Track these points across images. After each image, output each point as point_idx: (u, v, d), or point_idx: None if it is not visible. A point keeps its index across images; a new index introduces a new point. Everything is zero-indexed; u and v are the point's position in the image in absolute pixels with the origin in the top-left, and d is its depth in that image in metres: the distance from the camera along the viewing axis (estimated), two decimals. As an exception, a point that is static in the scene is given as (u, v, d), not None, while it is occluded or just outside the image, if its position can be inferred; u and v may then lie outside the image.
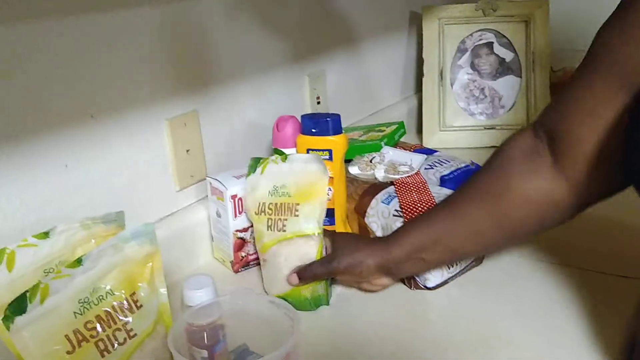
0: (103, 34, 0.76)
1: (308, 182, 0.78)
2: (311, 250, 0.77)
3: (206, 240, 0.92)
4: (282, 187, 0.79)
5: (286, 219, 0.77)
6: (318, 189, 0.78)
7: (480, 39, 1.36)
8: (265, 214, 0.79)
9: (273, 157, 0.81)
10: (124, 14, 0.78)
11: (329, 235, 0.80)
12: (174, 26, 0.85)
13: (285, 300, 0.74)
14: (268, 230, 0.79)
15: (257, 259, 0.89)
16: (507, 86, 1.35)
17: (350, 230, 0.92)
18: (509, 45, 1.35)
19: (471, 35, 1.36)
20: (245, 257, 0.88)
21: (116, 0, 0.76)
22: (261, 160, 0.82)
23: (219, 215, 0.88)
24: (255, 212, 0.80)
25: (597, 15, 1.91)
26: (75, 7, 0.72)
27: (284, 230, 0.77)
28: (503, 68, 1.36)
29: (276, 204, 0.79)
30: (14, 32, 0.66)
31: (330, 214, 0.90)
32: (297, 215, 0.77)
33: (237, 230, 0.86)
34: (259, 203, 0.80)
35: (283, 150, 0.91)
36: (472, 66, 1.36)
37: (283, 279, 0.77)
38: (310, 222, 0.77)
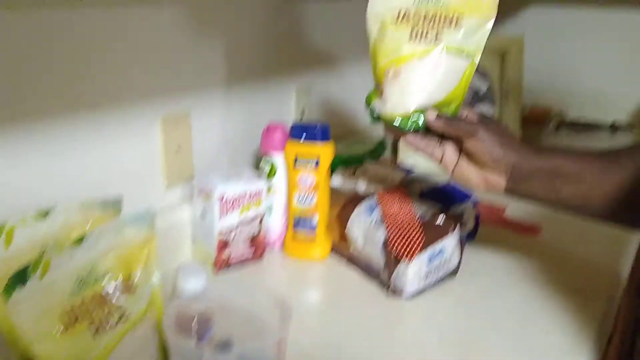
0: (108, 29, 0.77)
1: None
2: (459, 72, 0.70)
3: (188, 239, 0.93)
4: None
5: (442, 30, 0.69)
6: (487, 3, 0.69)
7: (458, 69, 1.42)
8: (408, 22, 0.70)
9: None
10: (130, 12, 0.80)
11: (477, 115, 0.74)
12: (173, 28, 0.87)
13: (408, 119, 0.70)
14: (411, 40, 0.69)
15: (239, 260, 0.90)
16: (481, 115, 1.41)
17: (330, 240, 0.95)
18: (485, 76, 1.42)
19: (450, 64, 1.42)
20: (227, 258, 0.89)
21: (122, -4, 0.79)
22: None
23: (204, 215, 0.89)
24: (391, 21, 0.70)
25: (564, 58, 2.02)
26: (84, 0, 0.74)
27: (439, 42, 0.69)
28: (478, 97, 1.42)
29: (427, 12, 0.69)
30: (21, 18, 0.67)
31: (313, 220, 0.92)
32: (460, 28, 0.69)
33: (221, 231, 0.88)
34: (400, 10, 0.70)
35: (271, 155, 0.93)
36: (449, 94, 1.42)
37: (423, 94, 0.70)
38: (470, 39, 0.69)
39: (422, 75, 0.70)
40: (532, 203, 0.74)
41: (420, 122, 0.71)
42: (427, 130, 0.73)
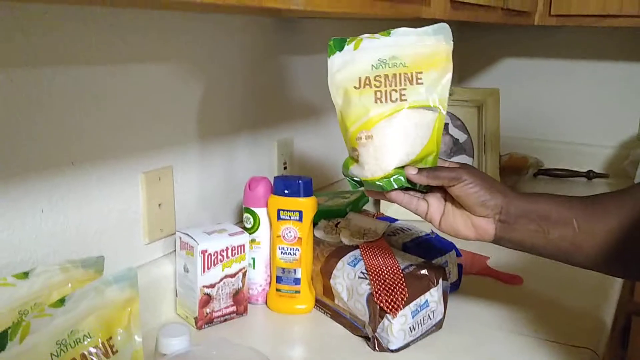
0: (90, 86, 0.78)
1: (429, 52, 0.72)
2: (429, 125, 0.72)
3: (170, 295, 0.92)
4: (392, 58, 0.72)
5: (404, 89, 0.72)
6: (442, 58, 0.72)
7: (437, 120, 1.45)
8: (371, 87, 0.72)
9: (368, 35, 0.74)
10: (111, 70, 0.81)
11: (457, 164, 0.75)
12: (154, 85, 0.89)
13: (390, 178, 0.71)
14: (377, 102, 0.72)
15: (222, 315, 0.89)
16: (460, 165, 1.43)
17: (314, 292, 0.94)
18: (463, 128, 1.45)
19: (428, 115, 1.45)
20: (210, 313, 0.88)
21: (104, 56, 0.80)
22: (348, 40, 0.74)
23: (186, 271, 0.88)
24: (354, 87, 0.73)
25: (539, 109, 2.07)
26: (66, 59, 0.75)
27: (404, 100, 0.71)
28: (457, 148, 1.44)
29: (387, 75, 0.72)
30: (3, 76, 0.68)
31: (296, 274, 0.92)
32: (421, 83, 0.72)
33: (204, 286, 0.87)
34: (360, 77, 0.72)
35: (254, 209, 0.94)
36: (429, 144, 1.44)
37: (399, 153, 0.71)
38: (434, 92, 0.71)
39: (394, 135, 0.72)
40: (522, 250, 0.74)
41: (402, 180, 0.72)
42: (408, 186, 0.74)
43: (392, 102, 0.71)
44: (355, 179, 0.75)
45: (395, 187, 0.72)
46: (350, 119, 0.73)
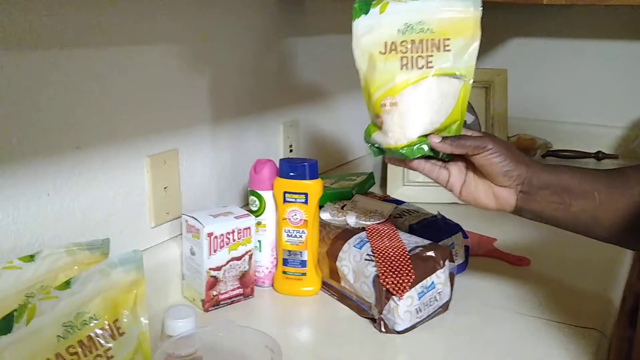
0: (94, 70, 0.78)
1: (456, 18, 0.71)
2: (455, 93, 0.71)
3: (177, 278, 0.92)
4: (419, 23, 0.71)
5: (431, 55, 0.71)
6: (470, 25, 0.71)
7: (444, 101, 1.43)
8: (397, 53, 0.71)
9: None
10: (117, 52, 0.80)
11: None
12: (160, 67, 0.88)
13: (413, 146, 0.71)
14: (403, 69, 0.71)
15: (229, 298, 0.89)
16: (468, 147, 1.42)
17: (321, 274, 0.94)
18: (470, 109, 1.43)
19: (435, 97, 1.43)
20: (217, 296, 0.89)
21: (109, 38, 0.79)
22: (374, 2, 0.73)
23: (192, 253, 0.89)
24: (380, 52, 0.71)
25: (547, 90, 2.05)
26: (70, 41, 0.74)
27: (430, 67, 0.70)
28: (464, 129, 1.43)
29: (413, 40, 0.71)
30: (7, 59, 0.68)
31: (302, 256, 0.92)
32: (448, 50, 0.71)
33: (210, 269, 0.87)
34: (386, 42, 0.71)
35: (259, 192, 0.93)
36: (436, 126, 1.43)
37: (423, 121, 0.71)
38: (460, 60, 0.71)
39: (420, 102, 0.71)
40: (541, 222, 0.73)
41: (426, 148, 0.72)
42: (430, 155, 0.73)
43: (418, 69, 0.71)
44: (377, 146, 0.75)
45: (418, 155, 0.72)
46: (375, 84, 0.72)
